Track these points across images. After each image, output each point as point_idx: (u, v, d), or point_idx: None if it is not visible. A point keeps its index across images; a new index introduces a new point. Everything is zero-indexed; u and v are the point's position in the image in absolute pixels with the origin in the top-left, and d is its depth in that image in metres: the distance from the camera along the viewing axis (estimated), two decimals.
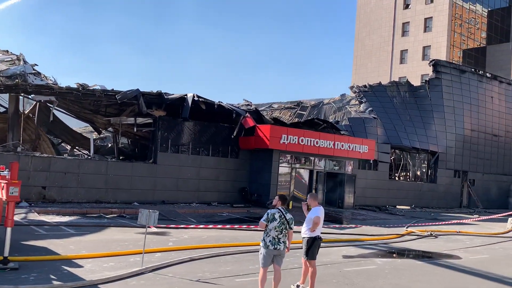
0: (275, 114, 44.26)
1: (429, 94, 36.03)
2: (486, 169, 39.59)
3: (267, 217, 7.73)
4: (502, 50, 55.33)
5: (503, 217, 27.46)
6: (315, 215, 8.67)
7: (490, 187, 39.98)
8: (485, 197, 39.30)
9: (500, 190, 40.94)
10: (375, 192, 31.03)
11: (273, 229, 7.62)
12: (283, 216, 7.66)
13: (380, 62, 57.59)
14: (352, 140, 27.80)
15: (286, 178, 25.67)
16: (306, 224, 8.81)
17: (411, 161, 35.84)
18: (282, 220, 7.64)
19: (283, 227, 7.61)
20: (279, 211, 7.72)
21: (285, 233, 7.67)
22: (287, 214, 7.74)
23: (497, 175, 40.69)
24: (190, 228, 15.74)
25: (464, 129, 37.47)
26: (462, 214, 30.26)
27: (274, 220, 7.65)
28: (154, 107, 22.55)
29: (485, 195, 39.31)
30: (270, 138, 23.80)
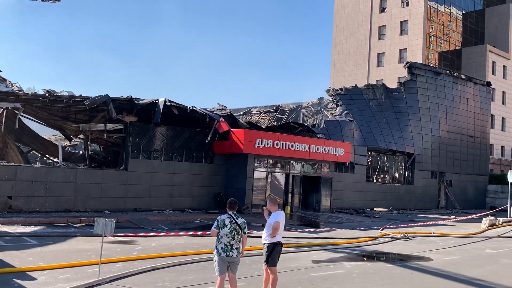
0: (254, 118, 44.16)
1: (404, 96, 36.21)
2: (462, 170, 39.91)
3: (218, 224, 7.45)
4: (477, 52, 56.03)
5: (478, 217, 27.62)
6: (274, 220, 8.40)
7: (467, 188, 40.31)
8: (462, 197, 39.59)
9: (477, 190, 41.33)
10: (352, 194, 30.96)
11: (225, 235, 7.35)
12: (234, 221, 7.39)
13: (357, 65, 57.86)
14: (327, 143, 27.69)
15: (262, 183, 25.41)
16: (266, 229, 8.53)
17: (388, 163, 35.93)
18: (233, 225, 7.37)
19: (235, 233, 7.34)
20: (230, 217, 7.45)
21: (238, 239, 7.39)
22: (239, 219, 7.47)
23: (473, 176, 41.06)
24: (159, 236, 15.34)
25: (440, 130, 37.74)
26: (439, 215, 30.38)
27: (225, 226, 7.37)
28: (125, 113, 22.10)
29: (462, 195, 39.60)
30: (245, 142, 23.54)
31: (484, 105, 42.58)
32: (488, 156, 43.82)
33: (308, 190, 28.17)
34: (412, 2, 53.73)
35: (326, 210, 28.03)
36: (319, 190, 28.00)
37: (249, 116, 44.93)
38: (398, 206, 33.90)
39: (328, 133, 30.63)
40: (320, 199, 27.94)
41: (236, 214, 7.56)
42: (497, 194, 41.33)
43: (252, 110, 47.57)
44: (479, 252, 16.00)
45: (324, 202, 28.20)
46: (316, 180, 28.17)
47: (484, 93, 42.64)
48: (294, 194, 26.66)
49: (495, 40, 59.05)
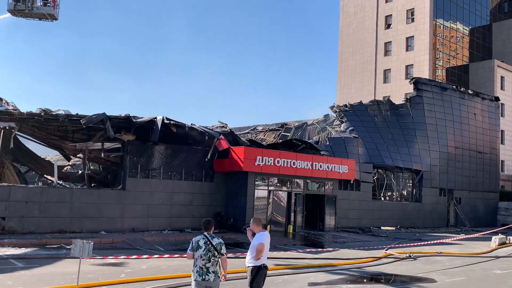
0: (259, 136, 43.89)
1: (411, 112, 35.64)
2: (472, 187, 39.01)
3: (192, 246, 6.99)
4: (484, 67, 55.38)
5: (488, 235, 26.74)
6: (258, 241, 7.90)
7: (477, 205, 39.34)
8: (473, 215, 38.62)
9: (487, 208, 40.32)
10: (358, 213, 30.25)
11: (199, 257, 6.87)
12: (209, 243, 6.91)
13: (363, 82, 57.47)
14: (331, 160, 27.16)
15: (263, 201, 24.89)
16: (250, 251, 8.02)
17: (395, 181, 35.19)
18: (208, 246, 6.89)
19: (210, 255, 6.85)
20: (204, 237, 6.98)
21: (215, 261, 6.89)
22: (214, 239, 6.98)
23: (483, 193, 40.10)
24: (152, 258, 14.82)
25: (447, 146, 37.02)
26: (448, 234, 29.51)
27: (199, 248, 6.90)
28: (123, 131, 21.80)
29: (472, 213, 38.63)
30: (245, 160, 23.11)
31: (493, 121, 41.81)
32: (499, 173, 42.85)
33: (311, 208, 27.55)
34: (418, 18, 53.48)
35: (330, 229, 27.33)
36: (323, 209, 27.36)
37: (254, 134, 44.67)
38: (406, 224, 33.05)
39: (332, 150, 30.11)
40: (324, 218, 27.28)
41: (212, 235, 7.09)
42: (509, 211, 40.28)
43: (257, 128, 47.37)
44: (487, 272, 15.25)
45: (329, 221, 27.52)
46: (319, 198, 27.56)
47: (492, 108, 41.92)
48: (297, 213, 26.05)
49: (503, 55, 58.46)
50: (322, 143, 32.75)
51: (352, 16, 59.92)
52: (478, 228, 35.73)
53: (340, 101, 54.31)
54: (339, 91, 60.24)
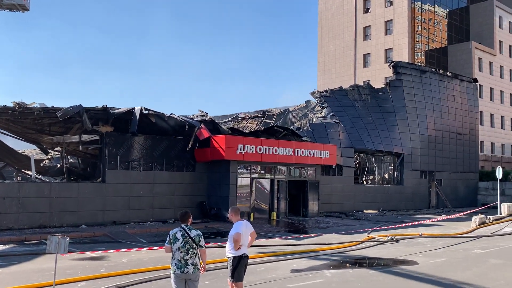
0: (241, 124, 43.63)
1: (390, 96, 35.78)
2: (452, 168, 39.49)
3: (169, 239, 6.85)
4: (462, 50, 55.88)
5: (469, 215, 27.13)
6: (235, 231, 7.78)
7: (458, 186, 39.88)
8: (454, 196, 39.16)
9: (468, 188, 40.91)
10: (340, 197, 30.40)
11: (177, 250, 6.73)
12: (186, 235, 6.76)
13: (344, 67, 57.53)
14: (312, 146, 27.15)
15: (246, 190, 24.79)
16: (229, 242, 7.89)
17: (376, 164, 35.41)
18: (186, 239, 6.75)
19: (188, 247, 6.72)
20: (182, 230, 6.84)
21: (194, 253, 6.76)
22: (192, 231, 6.84)
23: (464, 173, 40.65)
24: (132, 250, 14.63)
25: (427, 129, 37.32)
26: (430, 215, 29.84)
27: (177, 240, 6.76)
28: (100, 123, 21.43)
29: (453, 194, 39.17)
30: (226, 148, 22.94)
31: (472, 102, 42.27)
32: (478, 153, 43.47)
33: (295, 195, 27.60)
34: (396, 2, 53.55)
35: (313, 215, 27.43)
36: (306, 195, 27.42)
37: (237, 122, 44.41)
38: (388, 207, 33.36)
39: (313, 136, 30.10)
40: (307, 204, 27.35)
41: (189, 227, 6.94)
42: (489, 191, 40.94)
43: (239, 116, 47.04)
44: (468, 252, 15.43)
45: (312, 207, 27.60)
46: (302, 185, 27.59)
47: (471, 90, 42.35)
48: (280, 199, 26.05)
49: (480, 37, 58.99)
50: (303, 129, 32.71)
51: (331, 1, 59.69)
52: (459, 208, 36.26)
53: (321, 87, 54.33)
54: (320, 77, 60.22)
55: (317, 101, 35.87)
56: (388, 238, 17.91)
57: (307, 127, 33.24)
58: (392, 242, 17.47)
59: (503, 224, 23.43)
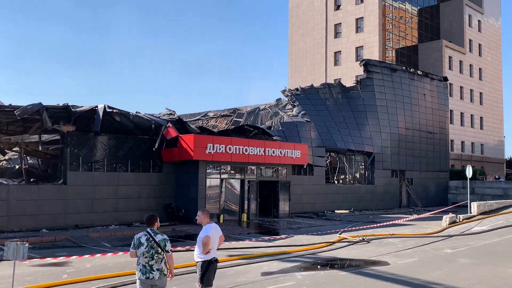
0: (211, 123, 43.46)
1: (361, 95, 36.31)
2: (423, 167, 40.38)
3: (133, 243, 6.76)
4: (433, 48, 57.16)
5: (439, 214, 27.80)
6: (204, 234, 7.75)
7: (428, 185, 40.80)
8: (424, 195, 40.03)
9: (438, 187, 41.90)
10: (312, 198, 30.68)
11: (142, 255, 6.65)
12: (151, 239, 6.69)
13: (315, 65, 58.04)
14: (283, 145, 27.29)
15: (216, 190, 24.72)
16: (198, 245, 7.85)
17: (347, 164, 35.89)
18: (151, 243, 6.68)
19: (153, 252, 6.65)
20: (147, 234, 6.77)
21: (159, 259, 6.69)
22: (157, 236, 6.77)
23: (434, 172, 41.62)
24: (96, 255, 14.37)
25: (398, 128, 38.05)
26: (401, 215, 30.45)
27: (141, 245, 6.69)
28: (61, 122, 20.97)
29: (424, 193, 40.04)
30: (195, 148, 22.81)
31: (442, 101, 43.29)
32: (448, 152, 44.61)
33: (265, 195, 27.67)
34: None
35: (285, 216, 27.58)
36: (277, 195, 27.54)
37: (205, 120, 44.20)
38: (360, 207, 33.87)
39: (284, 135, 30.27)
40: (278, 204, 27.48)
41: (155, 231, 6.86)
42: (459, 190, 42.06)
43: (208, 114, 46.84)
44: (438, 252, 15.81)
45: (283, 207, 27.75)
46: (273, 185, 27.71)
47: (441, 89, 43.37)
48: (251, 200, 26.09)
49: (450, 35, 60.49)
50: (274, 128, 32.85)
51: None
52: (430, 207, 37.11)
53: (292, 85, 54.68)
54: (291, 75, 60.59)
55: (288, 100, 36.08)
56: (359, 239, 18.18)
57: (278, 126, 33.40)
58: (363, 243, 17.74)
59: (473, 223, 24.12)
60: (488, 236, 20.04)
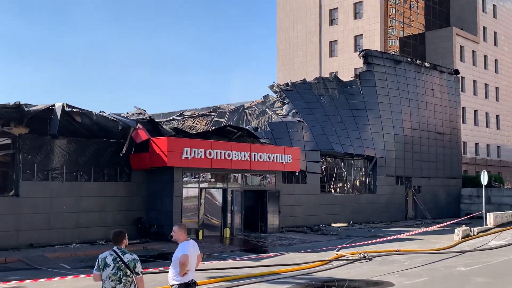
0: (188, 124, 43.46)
1: (361, 90, 36.58)
2: (432, 173, 40.72)
3: (98, 265, 6.68)
4: (442, 36, 57.68)
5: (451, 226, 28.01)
6: (182, 253, 7.68)
7: (438, 193, 41.16)
8: (434, 205, 40.39)
9: (449, 196, 42.27)
10: (305, 209, 30.78)
11: (108, 278, 6.57)
12: (118, 259, 6.61)
13: (307, 56, 58.34)
14: (272, 149, 27.36)
15: (194, 202, 24.67)
16: (173, 266, 7.79)
17: (346, 170, 36.06)
18: (118, 264, 6.60)
19: (121, 274, 6.57)
20: (113, 253, 6.68)
21: (128, 282, 6.61)
22: (126, 255, 6.69)
23: (445, 179, 42.00)
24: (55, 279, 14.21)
25: (403, 128, 38.37)
26: (407, 228, 30.68)
27: (107, 266, 6.61)
28: (13, 124, 20.77)
29: (433, 202, 40.41)
30: (169, 153, 22.74)
31: (453, 97, 43.72)
32: (460, 156, 45.08)
33: (252, 207, 27.70)
34: None
35: (274, 230, 27.62)
36: (264, 207, 27.57)
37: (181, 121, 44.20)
38: (360, 219, 34.06)
39: (273, 137, 30.35)
40: (267, 217, 27.50)
41: (123, 250, 6.78)
42: (473, 198, 42.42)
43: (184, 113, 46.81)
44: (450, 270, 15.93)
45: (272, 221, 27.79)
46: (260, 195, 27.75)
47: (452, 83, 43.84)
48: (235, 213, 26.08)
49: (461, 21, 61.12)
50: (261, 130, 32.95)
51: None
52: (440, 219, 37.43)
53: (282, 80, 54.82)
54: (280, 68, 60.83)
55: (277, 96, 36.20)
56: (360, 256, 18.25)
57: (265, 127, 33.49)
58: (364, 260, 17.81)
59: (489, 237, 24.37)
60: (507, 252, 20.26)
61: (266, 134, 30.45)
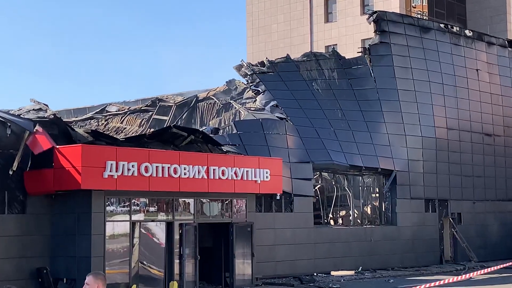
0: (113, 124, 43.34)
1: (372, 72, 36.73)
2: (478, 194, 40.86)
3: None
4: None
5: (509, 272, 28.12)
6: None
7: (488, 223, 41.39)
8: (482, 241, 40.59)
9: (505, 227, 42.40)
10: (292, 251, 30.71)
11: None
12: None
13: (292, 21, 58.41)
14: (241, 161, 27.36)
15: (123, 243, 24.49)
16: None
17: (351, 190, 36.11)
18: None
19: None
20: None
21: None
22: None
23: (497, 202, 42.16)
24: None
25: (435, 128, 38.56)
26: (443, 275, 30.84)
27: None
28: None
29: (481, 237, 40.62)
30: (84, 169, 22.45)
31: (509, 80, 43.96)
32: None
33: (211, 249, 27.78)
34: None
35: (245, 283, 27.64)
36: (230, 248, 27.43)
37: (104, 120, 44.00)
38: (373, 264, 34.16)
39: (242, 143, 30.23)
40: (233, 264, 27.39)
41: None
42: None
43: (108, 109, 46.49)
44: None
45: (242, 269, 27.78)
46: (224, 230, 27.66)
47: (506, 60, 44.09)
48: (185, 258, 25.91)
49: None
50: (224, 132, 32.86)
51: None
52: (492, 262, 37.54)
53: (253, 57, 54.76)
54: (251, 39, 60.87)
55: (247, 82, 36.10)
56: None
57: (231, 128, 33.38)
58: None
59: None
60: None
61: (232, 139, 30.26)
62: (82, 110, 46.47)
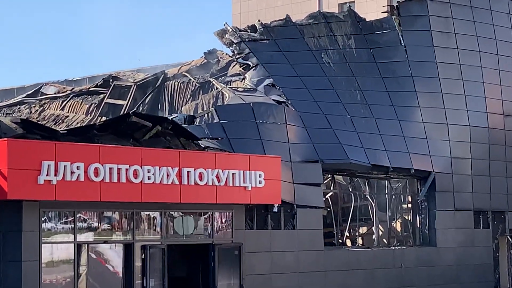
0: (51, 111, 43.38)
1: (402, 40, 36.73)
2: None
3: None
4: None
5: None
6: None
7: None
8: None
9: None
10: (294, 281, 30.80)
11: None
12: None
13: None
14: (225, 160, 27.35)
15: (66, 272, 24.47)
16: None
17: (374, 200, 36.08)
18: None
19: None
20: None
21: None
22: None
23: None
24: None
25: (487, 113, 38.65)
26: None
27: None
28: None
29: None
30: (11, 172, 22.32)
31: None
32: None
33: (184, 279, 27.86)
34: None
35: None
36: (211, 278, 27.55)
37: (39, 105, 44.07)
38: None
39: (227, 136, 30.16)
40: None
41: None
42: None
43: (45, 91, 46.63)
44: None
45: None
46: (202, 254, 27.75)
47: None
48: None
49: None
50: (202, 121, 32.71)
51: None
52: None
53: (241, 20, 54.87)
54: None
55: (233, 52, 36.03)
56: None
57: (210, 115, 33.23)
58: None
59: None
60: None
61: (213, 131, 30.18)
62: (9, 92, 46.48)
